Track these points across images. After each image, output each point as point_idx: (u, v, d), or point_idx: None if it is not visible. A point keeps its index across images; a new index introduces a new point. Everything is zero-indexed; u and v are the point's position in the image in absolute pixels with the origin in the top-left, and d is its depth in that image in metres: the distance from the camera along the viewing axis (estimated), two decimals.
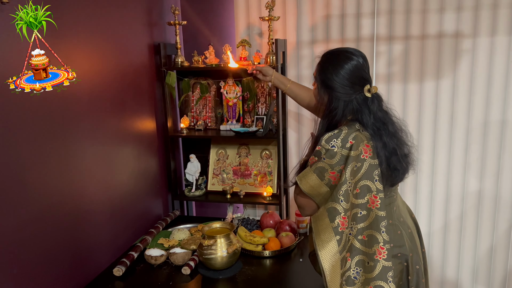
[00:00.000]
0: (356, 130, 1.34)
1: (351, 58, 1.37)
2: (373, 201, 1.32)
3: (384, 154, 1.33)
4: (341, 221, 1.34)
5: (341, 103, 1.36)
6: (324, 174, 1.35)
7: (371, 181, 1.32)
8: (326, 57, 1.42)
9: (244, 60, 2.17)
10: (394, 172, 1.36)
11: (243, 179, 2.39)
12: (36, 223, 1.39)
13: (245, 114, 2.38)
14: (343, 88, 1.35)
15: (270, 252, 1.81)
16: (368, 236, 1.32)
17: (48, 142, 1.43)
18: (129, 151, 1.96)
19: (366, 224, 1.32)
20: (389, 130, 1.37)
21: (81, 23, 1.58)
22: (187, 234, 1.99)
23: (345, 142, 1.32)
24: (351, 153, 1.32)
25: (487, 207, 2.28)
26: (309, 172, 1.38)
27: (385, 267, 1.31)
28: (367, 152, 1.32)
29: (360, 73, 1.36)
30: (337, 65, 1.37)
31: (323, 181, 1.36)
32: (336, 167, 1.33)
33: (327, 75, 1.37)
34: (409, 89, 2.25)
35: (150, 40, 2.14)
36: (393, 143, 1.35)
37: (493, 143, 2.21)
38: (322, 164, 1.35)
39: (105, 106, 1.76)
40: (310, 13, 2.28)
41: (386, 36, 2.22)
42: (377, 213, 1.32)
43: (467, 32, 2.12)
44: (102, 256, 1.77)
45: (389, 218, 1.36)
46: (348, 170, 1.32)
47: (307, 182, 1.38)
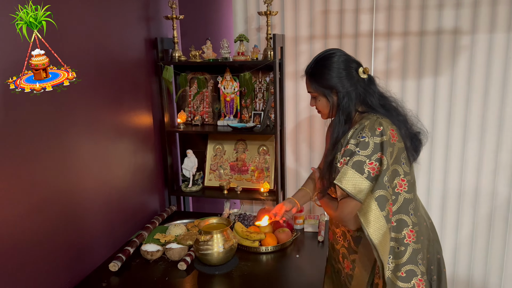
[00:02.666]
0: (377, 118, 1.36)
1: (333, 53, 1.42)
2: (400, 184, 1.34)
3: (404, 125, 1.38)
4: (390, 207, 1.33)
5: (350, 94, 1.39)
6: (363, 167, 1.31)
7: (399, 165, 1.34)
8: (312, 68, 1.45)
9: (242, 55, 2.16)
10: (415, 139, 1.41)
11: (240, 174, 2.38)
12: (32, 218, 1.38)
13: (243, 109, 2.36)
14: (346, 79, 1.39)
15: (266, 248, 1.81)
16: (397, 221, 1.34)
17: (44, 137, 1.42)
18: (125, 146, 1.95)
19: (396, 209, 1.34)
20: (391, 104, 1.43)
21: (81, 23, 1.57)
22: (184, 229, 1.98)
23: (373, 130, 1.32)
24: (384, 138, 1.31)
25: (483, 204, 2.28)
26: (347, 170, 1.33)
27: (415, 249, 1.33)
28: (394, 136, 1.34)
29: (350, 58, 1.42)
30: (327, 65, 1.41)
31: (363, 174, 1.32)
32: (373, 156, 1.31)
33: (325, 77, 1.40)
34: (407, 85, 2.24)
35: (147, 35, 2.12)
36: (401, 114, 1.42)
37: (490, 139, 2.20)
38: (359, 158, 1.32)
39: (102, 101, 1.74)
40: (309, 8, 2.27)
41: (384, 32, 2.21)
42: (405, 196, 1.34)
43: (465, 28, 2.11)
44: (98, 251, 1.76)
45: (417, 210, 1.39)
46: (387, 155, 1.31)
47: (347, 180, 1.32)
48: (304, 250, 1.85)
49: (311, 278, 1.62)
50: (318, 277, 1.63)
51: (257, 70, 2.27)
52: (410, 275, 1.35)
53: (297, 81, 2.36)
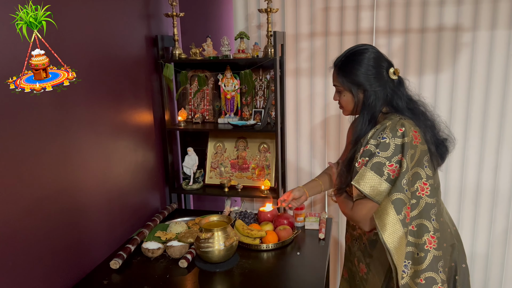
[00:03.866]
0: (399, 119, 1.32)
1: (366, 49, 1.38)
2: (422, 188, 1.30)
3: (430, 130, 1.34)
4: (407, 211, 1.27)
5: (378, 94, 1.36)
6: (383, 168, 1.28)
7: (421, 168, 1.30)
8: (342, 61, 1.41)
9: (242, 53, 2.15)
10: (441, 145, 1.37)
11: (241, 172, 2.38)
12: (32, 216, 1.38)
13: (243, 107, 2.36)
14: (374, 77, 1.35)
15: (267, 246, 1.81)
16: (417, 226, 1.30)
17: (45, 136, 1.42)
18: (126, 144, 1.95)
19: (416, 213, 1.30)
20: (420, 109, 1.39)
21: (81, 22, 1.56)
22: (184, 227, 1.98)
23: (395, 131, 1.28)
24: (405, 139, 1.28)
25: (484, 202, 2.28)
26: (365, 172, 1.30)
27: (436, 256, 1.28)
28: (417, 138, 1.30)
29: (382, 57, 1.39)
30: (358, 61, 1.36)
31: (383, 177, 1.28)
32: (393, 158, 1.27)
33: (354, 73, 1.37)
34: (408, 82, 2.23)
35: (147, 32, 2.12)
36: (429, 119, 1.37)
37: (491, 136, 2.20)
38: (378, 159, 1.29)
39: (102, 99, 1.74)
40: (309, 5, 2.26)
41: (385, 29, 2.20)
42: (426, 200, 1.29)
43: (467, 25, 2.11)
44: (98, 249, 1.76)
45: (440, 215, 1.34)
46: (407, 157, 1.27)
47: (365, 182, 1.29)
48: (305, 247, 1.85)
49: (312, 276, 1.62)
50: (319, 274, 1.63)
51: (257, 67, 2.26)
52: (429, 282, 1.30)
53: (297, 79, 2.35)
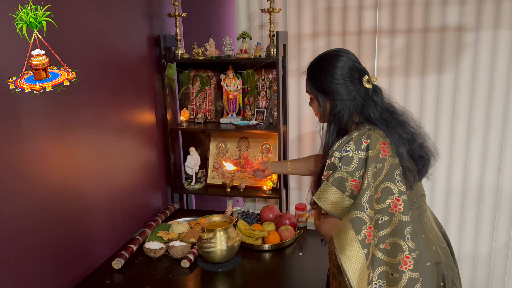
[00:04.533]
0: (367, 130, 1.24)
1: (339, 55, 1.30)
2: (395, 204, 1.20)
3: (404, 145, 1.24)
4: (368, 231, 1.19)
5: (345, 104, 1.28)
6: (345, 184, 1.21)
7: (393, 183, 1.20)
8: (314, 66, 1.34)
9: (245, 53, 2.15)
10: (420, 160, 1.26)
11: (243, 172, 2.38)
12: (34, 215, 1.38)
13: (245, 107, 2.36)
14: (343, 87, 1.28)
15: (269, 246, 1.80)
16: (391, 245, 1.20)
17: (47, 134, 1.42)
18: (128, 144, 1.95)
19: (389, 231, 1.20)
20: (398, 119, 1.29)
21: (81, 22, 1.56)
22: (187, 227, 1.98)
23: (359, 144, 1.21)
24: (369, 153, 1.20)
25: (488, 202, 2.27)
26: (327, 187, 1.24)
27: (412, 278, 1.18)
28: (385, 151, 1.21)
29: (354, 65, 1.30)
30: (329, 67, 1.29)
31: (345, 193, 1.22)
32: (356, 173, 1.20)
33: (323, 80, 1.30)
34: (411, 82, 2.23)
35: (150, 32, 2.12)
36: (408, 132, 1.27)
37: (495, 137, 2.19)
38: (340, 174, 1.22)
39: (104, 98, 1.74)
40: (312, 5, 2.26)
41: (388, 29, 2.20)
42: (400, 217, 1.19)
43: (470, 25, 2.10)
44: (101, 249, 1.76)
45: (421, 232, 1.23)
46: (369, 173, 1.19)
47: (326, 198, 1.23)
48: (307, 248, 1.84)
49: (314, 276, 1.61)
50: (321, 275, 1.62)
51: (260, 67, 2.26)
52: None
53: (300, 79, 2.35)
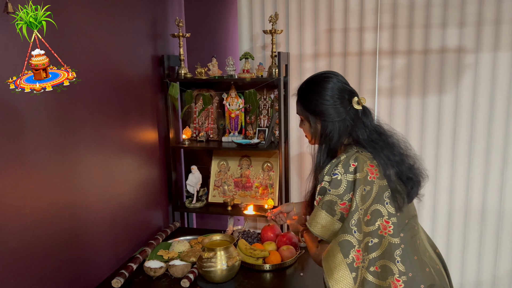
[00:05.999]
0: (355, 152, 1.26)
1: (328, 77, 1.33)
2: (384, 226, 1.20)
3: (392, 166, 1.24)
4: (356, 255, 1.20)
5: (335, 125, 1.30)
6: (334, 207, 1.23)
7: (382, 205, 1.21)
8: (304, 88, 1.36)
9: (247, 72, 2.18)
10: (408, 182, 1.26)
11: (244, 191, 2.38)
12: (35, 234, 1.38)
13: (247, 126, 2.38)
14: (333, 108, 1.30)
15: (270, 266, 1.79)
16: (381, 267, 1.19)
17: (48, 150, 1.43)
18: (130, 162, 1.96)
19: (379, 254, 1.20)
20: (387, 141, 1.30)
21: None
22: (187, 246, 1.97)
23: (347, 167, 1.22)
24: (357, 175, 1.21)
25: (490, 223, 2.26)
26: (317, 211, 1.26)
27: None
28: (373, 173, 1.23)
29: (344, 87, 1.32)
30: (319, 89, 1.32)
31: (335, 216, 1.23)
32: (345, 196, 1.22)
33: (313, 102, 1.32)
34: (412, 103, 2.24)
35: (154, 52, 2.16)
36: (396, 153, 1.28)
37: (496, 158, 2.19)
38: (329, 197, 1.23)
39: (108, 116, 1.76)
40: (313, 27, 2.30)
41: (388, 50, 2.23)
42: (390, 240, 1.19)
43: (469, 47, 2.13)
44: (101, 267, 1.75)
45: (414, 253, 1.22)
46: (357, 195, 1.20)
47: (317, 222, 1.26)
48: (308, 268, 1.83)
49: None
50: None
51: (262, 87, 2.29)
52: None
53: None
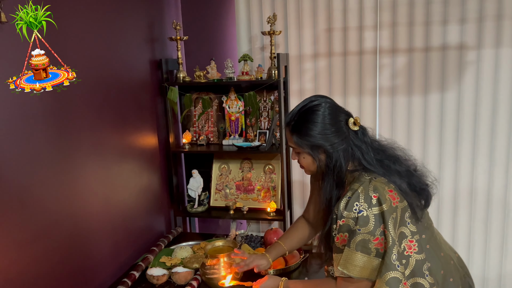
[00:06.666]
0: (369, 181, 1.21)
1: (318, 105, 1.26)
2: (409, 246, 1.20)
3: (405, 182, 1.23)
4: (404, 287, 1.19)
5: (340, 153, 1.25)
6: (368, 245, 1.18)
7: (405, 226, 1.21)
8: (295, 120, 1.28)
9: (246, 75, 2.15)
10: (423, 192, 1.26)
11: (246, 194, 2.35)
12: (35, 243, 1.36)
13: (248, 128, 2.35)
14: (332, 136, 1.24)
15: (274, 271, 1.76)
16: (412, 285, 1.21)
17: (48, 156, 1.42)
18: (130, 167, 1.94)
19: (408, 273, 1.20)
20: (390, 156, 1.28)
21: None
22: (190, 251, 1.95)
23: (369, 200, 1.18)
24: (383, 207, 1.17)
25: (495, 221, 2.23)
26: (351, 254, 1.20)
27: None
28: (394, 198, 1.20)
29: (337, 109, 1.27)
30: (312, 120, 1.25)
31: (371, 254, 1.18)
32: (376, 231, 1.17)
33: (310, 134, 1.25)
34: (414, 102, 2.22)
35: (151, 56, 2.13)
36: (403, 166, 1.27)
37: (500, 156, 2.17)
38: (361, 237, 1.18)
39: (107, 121, 1.74)
40: (312, 27, 2.27)
41: (389, 48, 2.20)
42: (416, 257, 1.21)
43: (471, 44, 2.10)
44: (103, 276, 1.73)
45: (440, 250, 1.25)
46: (390, 228, 1.17)
47: (354, 266, 1.19)
48: (312, 272, 1.80)
49: None
50: None
51: (261, 89, 2.26)
52: None
53: (301, 99, 2.34)
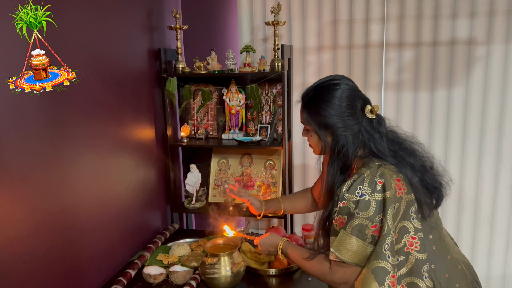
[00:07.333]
0: (378, 167, 1.16)
1: (337, 83, 1.21)
2: (411, 243, 1.16)
3: (417, 177, 1.18)
4: (392, 281, 1.13)
5: (349, 138, 1.19)
6: (365, 231, 1.14)
7: (408, 221, 1.16)
8: (310, 95, 1.24)
9: (248, 66, 2.08)
10: (435, 191, 1.20)
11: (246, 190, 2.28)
12: (27, 240, 1.29)
13: (249, 122, 2.28)
14: (345, 120, 1.19)
15: (276, 271, 1.70)
16: (408, 285, 1.16)
17: (42, 149, 1.35)
18: (126, 161, 1.86)
19: (405, 271, 1.16)
20: (407, 149, 1.22)
21: (81, 23, 1.51)
22: (188, 249, 1.88)
23: (374, 185, 1.13)
24: (387, 194, 1.12)
25: (500, 221, 2.19)
26: (346, 237, 1.16)
27: None
28: (401, 188, 1.15)
29: (356, 94, 1.21)
30: (326, 99, 1.19)
31: (366, 240, 1.15)
32: (375, 218, 1.13)
33: (321, 113, 1.20)
34: (420, 97, 2.16)
35: (150, 45, 2.05)
36: (418, 161, 1.21)
37: (507, 154, 2.12)
38: (359, 221, 1.14)
39: (103, 113, 1.66)
40: (317, 18, 2.20)
41: (396, 42, 2.13)
42: (417, 256, 1.15)
43: (480, 38, 2.04)
44: (97, 274, 1.66)
45: (447, 253, 1.20)
46: (388, 216, 1.12)
47: (347, 249, 1.16)
48: None
49: None
50: None
51: (263, 81, 2.19)
52: None
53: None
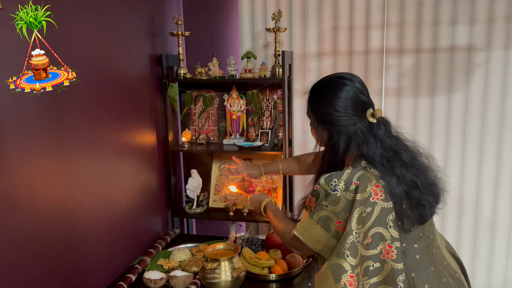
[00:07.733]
0: (362, 169, 1.17)
1: (343, 84, 1.21)
2: (387, 251, 1.14)
3: (402, 190, 1.16)
4: (349, 280, 1.13)
5: (343, 137, 1.21)
6: (330, 224, 1.16)
7: (385, 228, 1.14)
8: (315, 89, 1.27)
9: (249, 72, 2.09)
10: (419, 208, 1.18)
11: (246, 195, 2.29)
12: (27, 244, 1.29)
13: (249, 128, 2.29)
14: (342, 120, 1.20)
15: (276, 276, 1.70)
16: None
17: (42, 149, 1.35)
18: (127, 166, 1.87)
19: (380, 279, 1.15)
20: (403, 160, 1.19)
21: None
22: (188, 254, 1.89)
23: (349, 184, 1.14)
24: (357, 196, 1.13)
25: (501, 227, 2.19)
26: (311, 224, 1.19)
27: None
28: (377, 194, 1.14)
29: (358, 97, 1.21)
30: (330, 95, 1.21)
31: (330, 233, 1.17)
32: (341, 214, 1.15)
33: (321, 109, 1.22)
34: (420, 103, 2.17)
35: (151, 51, 2.06)
36: (410, 174, 1.18)
37: (507, 160, 2.12)
38: (326, 213, 1.17)
39: (104, 118, 1.67)
40: (317, 24, 2.21)
41: (396, 48, 2.15)
42: (393, 265, 1.14)
43: (480, 45, 2.05)
44: (97, 279, 1.66)
45: (430, 264, 1.18)
46: (354, 217, 1.13)
47: (311, 235, 1.19)
48: None
49: None
50: None
51: (264, 87, 2.20)
52: None
53: (305, 99, 2.29)
